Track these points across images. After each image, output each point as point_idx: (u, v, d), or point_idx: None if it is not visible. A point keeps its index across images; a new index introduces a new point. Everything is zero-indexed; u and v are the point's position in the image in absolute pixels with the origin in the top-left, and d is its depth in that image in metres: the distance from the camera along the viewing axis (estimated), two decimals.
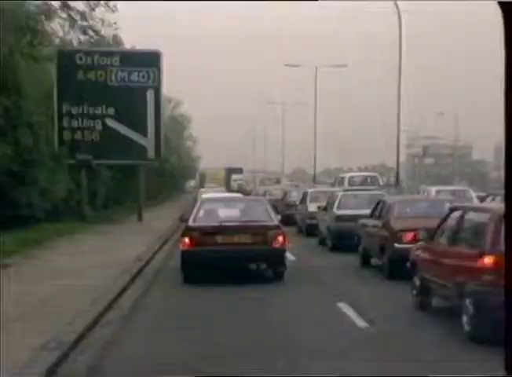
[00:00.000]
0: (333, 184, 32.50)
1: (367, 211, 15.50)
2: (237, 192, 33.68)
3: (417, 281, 9.31)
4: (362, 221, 15.07)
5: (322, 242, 19.08)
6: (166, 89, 64.82)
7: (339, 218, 17.29)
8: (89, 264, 13.05)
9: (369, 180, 29.98)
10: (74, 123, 24.82)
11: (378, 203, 14.42)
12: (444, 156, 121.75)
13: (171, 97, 71.60)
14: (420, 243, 10.00)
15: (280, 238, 11.71)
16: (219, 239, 11.48)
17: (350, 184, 29.02)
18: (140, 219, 26.82)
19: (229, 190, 45.80)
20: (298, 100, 77.42)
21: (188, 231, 11.76)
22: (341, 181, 30.68)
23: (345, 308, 9.25)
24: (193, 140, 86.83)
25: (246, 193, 46.91)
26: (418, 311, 9.10)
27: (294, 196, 27.99)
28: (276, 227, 11.96)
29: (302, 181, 66.25)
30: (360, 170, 78.08)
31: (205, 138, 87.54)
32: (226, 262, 11.49)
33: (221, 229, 11.55)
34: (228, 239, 11.42)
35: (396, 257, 11.59)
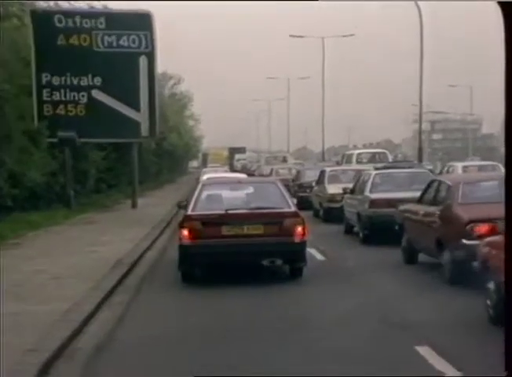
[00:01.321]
0: (339, 162, 31.36)
1: (410, 194, 12.41)
2: (241, 171, 31.30)
3: (493, 290, 6.86)
4: (405, 207, 11.90)
5: (349, 230, 15.98)
6: (166, 67, 63.18)
7: (374, 203, 14.06)
8: (51, 271, 9.81)
9: (378, 157, 28.54)
10: (56, 96, 21.41)
11: (429, 185, 11.23)
12: (453, 131, 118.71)
13: (172, 74, 69.35)
14: (493, 237, 7.44)
15: (300, 228, 9.67)
16: (224, 230, 9.51)
17: (358, 161, 27.86)
18: (134, 205, 23.60)
19: (233, 170, 43.15)
20: (302, 74, 74.78)
21: (186, 221, 9.69)
22: (348, 159, 29.38)
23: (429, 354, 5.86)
24: (195, 119, 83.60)
25: (250, 173, 44.96)
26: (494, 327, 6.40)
27: (310, 176, 24.69)
28: (294, 214, 9.86)
29: (306, 159, 64.02)
30: (365, 147, 75.60)
31: (208, 117, 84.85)
32: (233, 258, 9.63)
33: (226, 218, 9.57)
34: (236, 230, 9.53)
35: (464, 256, 8.82)
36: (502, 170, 21.37)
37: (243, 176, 19.97)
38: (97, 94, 21.65)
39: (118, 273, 9.69)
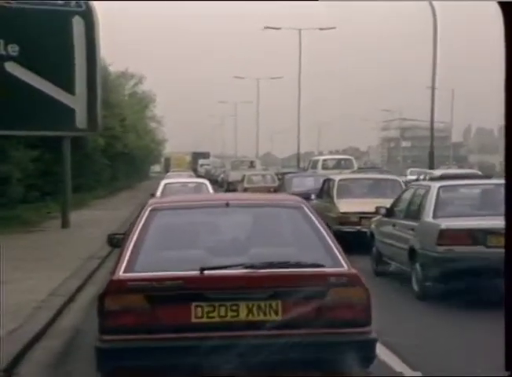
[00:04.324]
0: (305, 169, 30.94)
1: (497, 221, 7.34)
2: (204, 177, 26.93)
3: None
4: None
5: (381, 271, 10.37)
6: (127, 66, 58.27)
7: (447, 237, 8.31)
8: None
9: (343, 163, 28.79)
10: None
11: None
12: (422, 139, 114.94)
13: (133, 73, 64.54)
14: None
15: (362, 306, 4.48)
16: (198, 313, 4.35)
17: (324, 167, 27.94)
18: (64, 224, 17.34)
19: (197, 176, 38.85)
20: (272, 74, 70.78)
21: (113, 294, 4.42)
22: (314, 165, 29.30)
23: None
24: (157, 121, 77.97)
25: (213, 179, 41.24)
26: None
27: (298, 185, 19.77)
28: (351, 278, 4.51)
29: (270, 165, 61.64)
30: (331, 153, 73.60)
31: (171, 120, 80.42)
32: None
33: (202, 287, 4.42)
34: (223, 313, 4.38)
35: None
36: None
37: (206, 182, 17.97)
38: (12, 68, 15.39)
39: None
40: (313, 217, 4.99)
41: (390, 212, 10.29)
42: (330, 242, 4.74)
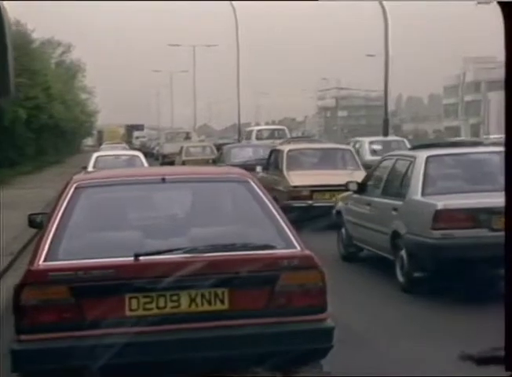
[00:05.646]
0: (240, 139, 30.85)
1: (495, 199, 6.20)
2: (140, 150, 25.79)
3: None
4: None
5: (348, 257, 8.96)
6: (54, 34, 55.41)
7: (444, 219, 6.64)
8: None
9: (277, 133, 28.81)
10: None
11: None
12: (358, 108, 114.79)
13: (60, 41, 61.46)
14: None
15: (318, 291, 3.99)
16: (133, 305, 3.84)
17: (258, 138, 28.03)
18: None
19: (132, 148, 37.24)
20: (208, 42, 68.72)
21: (31, 285, 3.82)
22: (248, 135, 29.37)
23: None
24: (88, 92, 74.68)
25: (149, 151, 41.10)
26: None
27: (239, 156, 18.78)
28: (305, 261, 4.00)
29: (208, 137, 60.26)
30: (267, 124, 72.88)
31: (103, 91, 77.25)
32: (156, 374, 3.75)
33: (137, 276, 3.83)
34: (162, 304, 3.85)
35: None
36: (408, 145, 18.99)
37: (140, 155, 17.55)
38: None
39: None
40: (261, 193, 4.48)
41: (363, 188, 8.56)
42: (281, 220, 4.27)
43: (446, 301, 6.67)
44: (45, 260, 3.92)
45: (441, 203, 6.74)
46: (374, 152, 18.70)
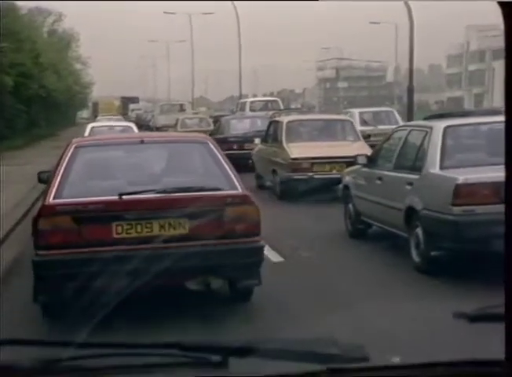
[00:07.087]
0: (234, 111, 31.15)
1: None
2: (136, 123, 26.00)
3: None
4: None
5: (356, 234, 8.50)
6: (42, 2, 54.30)
7: (465, 193, 6.07)
8: None
9: (270, 105, 29.01)
10: None
11: None
12: (357, 79, 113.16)
13: (50, 10, 60.24)
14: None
15: (253, 224, 5.43)
16: (118, 230, 5.30)
17: (251, 109, 28.16)
18: None
19: (128, 121, 36.48)
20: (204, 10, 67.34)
21: (45, 216, 5.33)
22: (242, 107, 29.63)
23: None
24: (82, 63, 73.19)
25: (145, 124, 41.11)
26: None
27: (237, 128, 18.71)
28: (243, 199, 5.50)
29: (209, 108, 60.42)
30: (265, 96, 71.91)
31: (98, 61, 75.85)
32: (134, 281, 4.75)
33: (121, 209, 5.35)
34: (139, 229, 5.32)
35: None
36: (397, 115, 20.04)
37: (133, 125, 18.23)
38: None
39: None
40: (216, 151, 5.84)
41: (373, 161, 7.96)
42: (229, 170, 5.62)
43: (466, 282, 6.13)
44: (54, 198, 5.29)
45: (462, 176, 6.16)
46: (364, 122, 18.82)
